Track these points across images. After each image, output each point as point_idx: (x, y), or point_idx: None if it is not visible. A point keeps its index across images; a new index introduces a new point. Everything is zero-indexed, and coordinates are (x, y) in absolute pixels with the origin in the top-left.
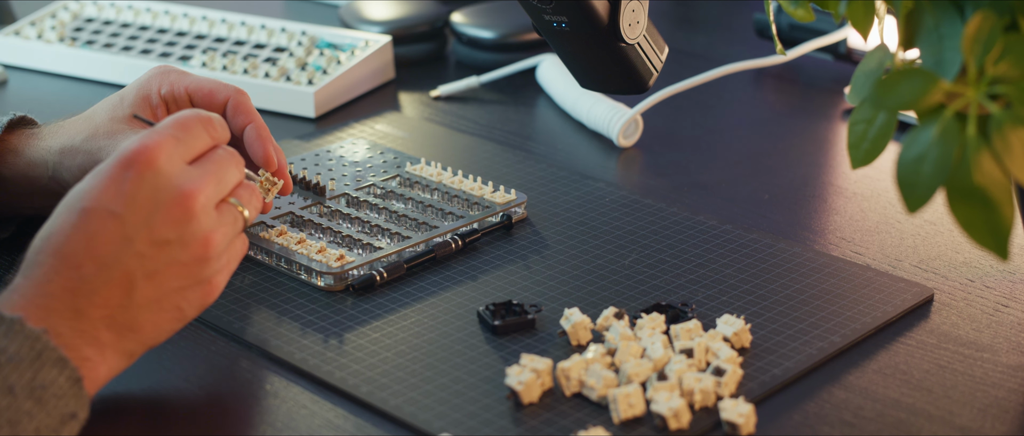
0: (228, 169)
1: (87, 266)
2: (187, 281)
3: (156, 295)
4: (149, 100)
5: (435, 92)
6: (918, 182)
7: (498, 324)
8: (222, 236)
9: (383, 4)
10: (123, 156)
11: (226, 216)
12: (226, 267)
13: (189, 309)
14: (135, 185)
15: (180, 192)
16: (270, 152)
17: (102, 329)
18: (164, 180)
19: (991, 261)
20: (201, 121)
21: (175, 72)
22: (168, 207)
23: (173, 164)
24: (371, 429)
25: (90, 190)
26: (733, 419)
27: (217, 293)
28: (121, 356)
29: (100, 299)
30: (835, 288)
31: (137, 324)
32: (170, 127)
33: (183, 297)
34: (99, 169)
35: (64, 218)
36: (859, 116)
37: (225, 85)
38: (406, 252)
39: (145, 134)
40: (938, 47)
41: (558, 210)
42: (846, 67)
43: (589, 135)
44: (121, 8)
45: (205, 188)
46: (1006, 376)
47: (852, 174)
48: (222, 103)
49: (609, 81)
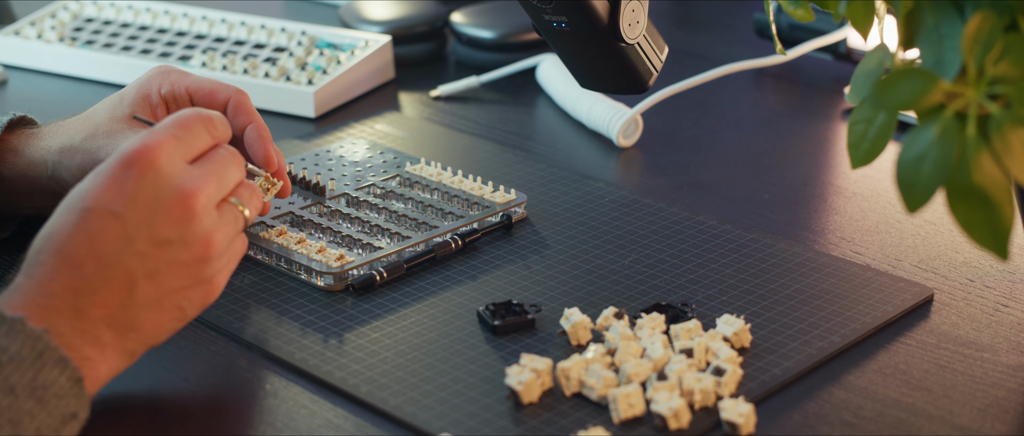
0: (229, 168)
1: (88, 266)
2: (188, 281)
3: (157, 294)
4: (149, 100)
5: (435, 92)
6: (918, 182)
7: (498, 324)
8: (223, 236)
9: (383, 4)
10: (124, 156)
11: (227, 215)
12: (227, 266)
13: (190, 308)
14: (136, 185)
15: (181, 192)
16: (270, 153)
17: (103, 329)
18: (165, 180)
19: (991, 261)
20: (202, 120)
21: (175, 72)
22: (169, 207)
23: (174, 163)
24: (371, 429)
25: (91, 190)
26: (733, 419)
27: (218, 292)
28: (122, 355)
29: (101, 299)
30: (835, 288)
31: (138, 323)
32: (171, 126)
33: (184, 296)
34: (100, 169)
35: (65, 218)
36: (859, 116)
37: (226, 85)
38: (406, 252)
39: (146, 134)
40: (938, 47)
41: (558, 210)
42: (846, 67)
43: (589, 135)
44: (121, 8)
45: (206, 187)
46: (1006, 376)
47: (852, 174)
48: (223, 103)
49: (609, 81)
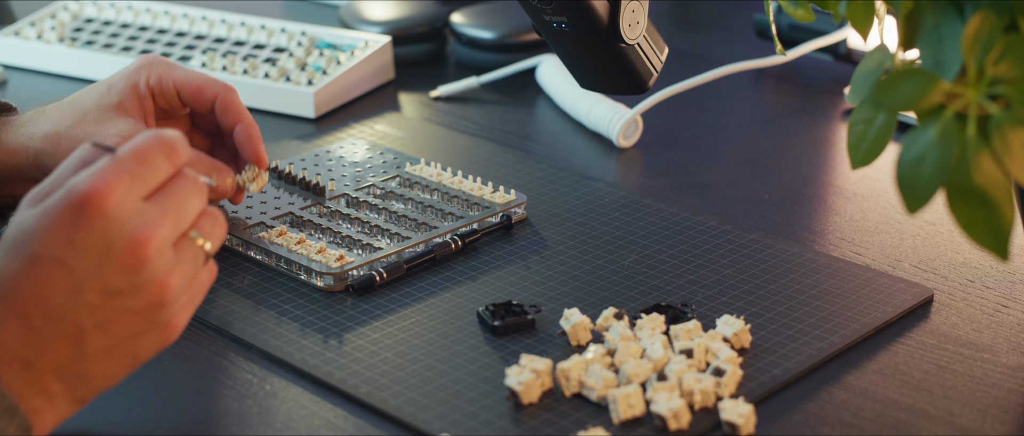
0: (188, 201)
1: (35, 317)
2: (142, 327)
3: (108, 344)
4: (137, 89)
5: (435, 92)
6: (918, 182)
7: (498, 324)
8: (180, 277)
9: (383, 4)
10: (73, 199)
11: (185, 254)
12: (187, 305)
13: (145, 353)
14: (85, 233)
15: (132, 239)
16: (261, 152)
17: (51, 380)
18: (115, 227)
19: (991, 261)
20: (162, 148)
21: (164, 63)
22: (120, 256)
23: (126, 207)
24: (371, 429)
25: (38, 234)
26: (733, 419)
27: (177, 333)
28: (71, 403)
29: (50, 351)
30: (835, 288)
31: (88, 374)
32: (128, 161)
33: (138, 343)
34: (49, 209)
35: (12, 261)
36: (859, 116)
37: (214, 80)
38: (406, 252)
39: (98, 172)
40: (938, 47)
41: (558, 210)
42: (846, 67)
43: (589, 135)
44: (121, 8)
45: (160, 230)
46: (1006, 376)
47: (852, 174)
48: (210, 100)
49: (609, 81)
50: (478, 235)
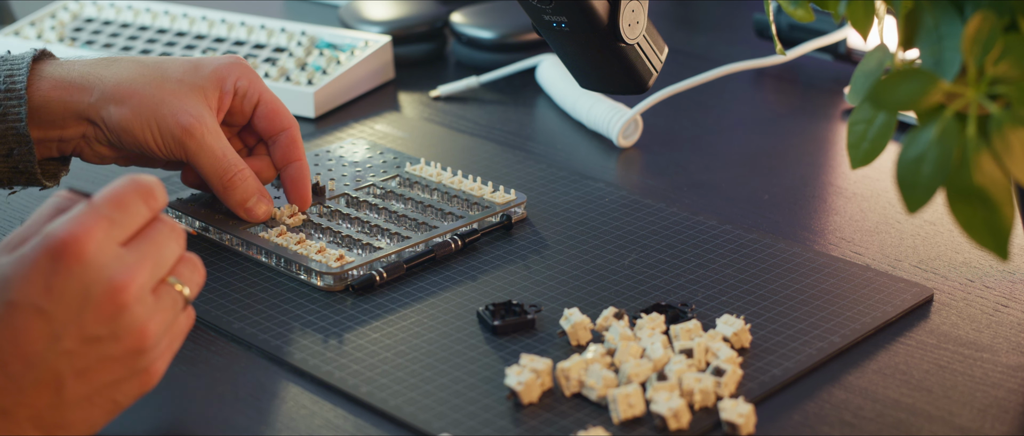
0: (167, 246)
1: (13, 365)
2: (122, 374)
3: (87, 392)
4: (223, 84)
5: (435, 92)
6: (918, 182)
7: (498, 324)
8: (159, 323)
9: (383, 4)
10: (50, 245)
11: (164, 300)
12: (167, 351)
13: (124, 400)
14: (63, 280)
15: (110, 285)
16: (307, 197)
17: (29, 428)
18: (93, 273)
19: (991, 261)
20: (140, 193)
21: (254, 73)
22: (98, 302)
23: (104, 253)
24: (371, 429)
25: (15, 280)
26: (733, 419)
27: (156, 380)
28: None
29: (27, 399)
30: (835, 288)
31: (66, 422)
32: (105, 206)
33: (118, 390)
34: (25, 256)
35: None
36: (859, 116)
37: (288, 113)
38: (406, 252)
39: (75, 218)
40: (938, 47)
41: (558, 210)
42: (846, 67)
43: (589, 135)
44: (121, 8)
45: (138, 276)
46: (1006, 376)
47: (852, 174)
48: (280, 129)
49: (609, 81)
50: (478, 235)
